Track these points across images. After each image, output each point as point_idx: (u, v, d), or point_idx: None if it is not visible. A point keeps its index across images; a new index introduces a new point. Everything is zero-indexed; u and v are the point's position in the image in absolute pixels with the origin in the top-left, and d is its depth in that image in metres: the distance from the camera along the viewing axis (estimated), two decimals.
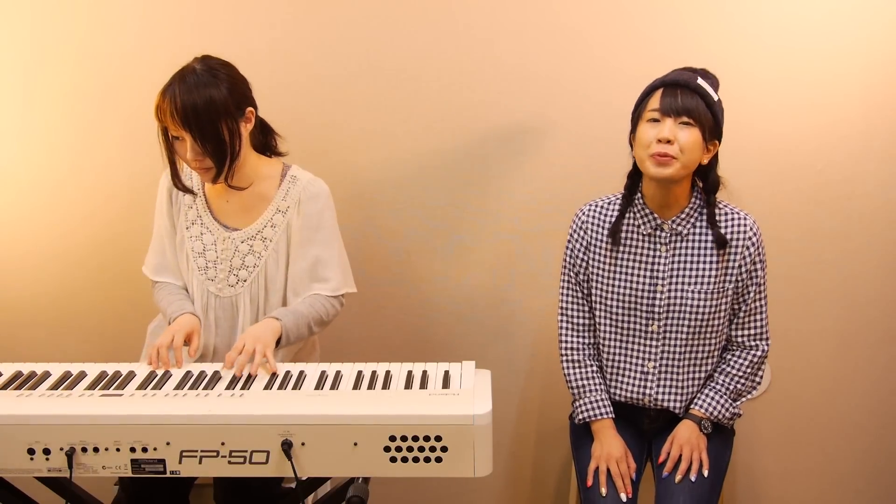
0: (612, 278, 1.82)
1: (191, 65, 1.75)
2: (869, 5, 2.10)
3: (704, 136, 1.69)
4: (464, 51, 2.17)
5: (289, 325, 1.77)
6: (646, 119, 1.72)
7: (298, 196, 1.86)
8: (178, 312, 1.82)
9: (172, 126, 1.72)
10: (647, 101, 1.73)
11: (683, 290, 1.77)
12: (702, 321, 1.78)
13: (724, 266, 1.77)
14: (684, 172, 1.71)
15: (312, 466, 1.46)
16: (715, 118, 1.71)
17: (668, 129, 1.67)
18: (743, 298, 1.80)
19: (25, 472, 1.47)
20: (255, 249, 1.87)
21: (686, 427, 1.82)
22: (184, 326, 1.77)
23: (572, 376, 1.89)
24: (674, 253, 1.79)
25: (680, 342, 1.80)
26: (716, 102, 1.71)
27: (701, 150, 1.71)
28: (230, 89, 1.74)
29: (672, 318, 1.79)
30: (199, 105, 1.69)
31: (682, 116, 1.68)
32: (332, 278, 1.88)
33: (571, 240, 1.89)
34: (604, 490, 1.77)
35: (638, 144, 1.74)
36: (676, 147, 1.67)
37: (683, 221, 1.78)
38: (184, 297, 1.91)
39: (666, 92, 1.70)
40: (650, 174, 1.71)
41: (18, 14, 2.17)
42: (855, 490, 2.42)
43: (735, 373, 1.83)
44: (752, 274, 1.79)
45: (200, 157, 1.74)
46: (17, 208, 2.30)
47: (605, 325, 1.85)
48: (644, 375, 1.84)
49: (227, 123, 1.73)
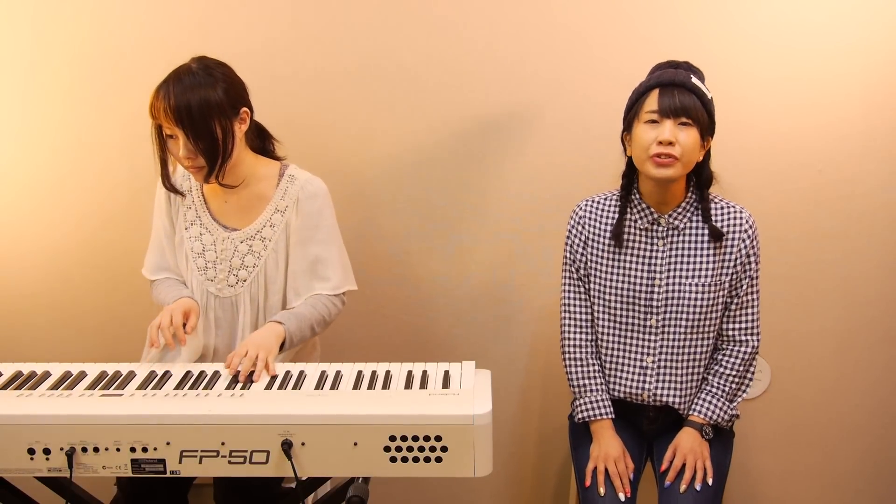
0: (611, 273, 1.83)
1: (187, 64, 1.76)
2: (869, 5, 2.10)
3: (702, 134, 1.72)
4: (464, 51, 2.17)
5: (292, 328, 1.78)
6: (643, 120, 1.72)
7: (296, 195, 1.86)
8: (176, 297, 1.82)
9: (166, 124, 1.72)
10: (642, 102, 1.74)
11: (681, 284, 1.79)
12: (700, 314, 1.79)
13: (721, 259, 1.79)
14: (685, 172, 1.74)
15: (312, 466, 1.46)
16: (710, 116, 1.74)
17: (669, 130, 1.68)
18: (736, 291, 1.81)
19: (25, 472, 1.47)
20: (254, 249, 1.87)
21: (688, 435, 1.81)
22: (180, 305, 1.77)
23: (574, 375, 1.89)
24: (671, 247, 1.80)
25: (678, 336, 1.81)
26: (709, 100, 1.74)
27: (699, 148, 1.73)
28: (226, 89, 1.74)
29: (670, 311, 1.80)
30: (194, 104, 1.69)
31: (681, 117, 1.69)
32: (332, 277, 1.88)
33: (570, 235, 1.90)
34: (602, 490, 1.77)
35: (636, 146, 1.74)
36: (678, 148, 1.69)
37: (680, 216, 1.80)
38: (182, 287, 1.91)
39: (663, 92, 1.71)
40: (652, 175, 1.72)
41: (18, 14, 2.17)
42: (855, 490, 2.42)
43: (727, 372, 1.83)
44: (746, 266, 1.80)
45: (193, 155, 1.74)
46: (17, 208, 2.30)
47: (603, 321, 1.86)
48: (643, 370, 1.84)
49: (220, 123, 1.73)
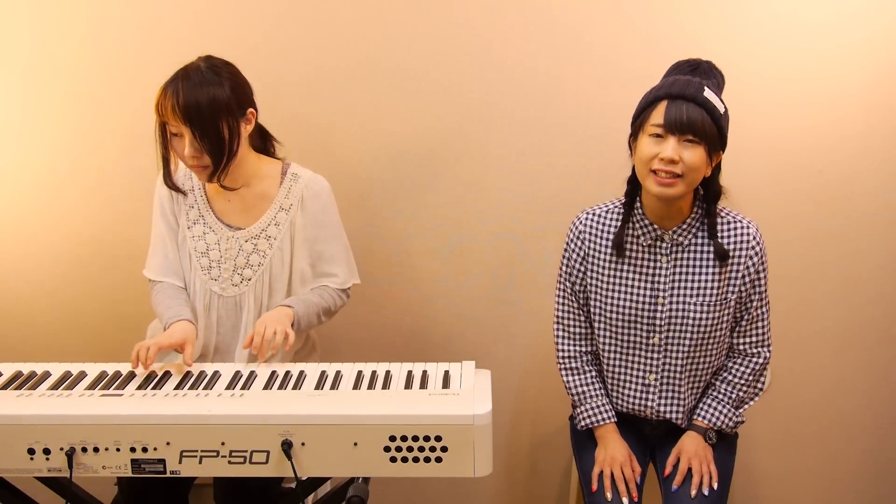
0: (613, 290, 1.78)
1: (195, 63, 1.76)
2: (869, 5, 2.10)
3: (709, 152, 1.62)
4: (464, 51, 2.17)
5: (300, 312, 1.80)
6: (648, 133, 1.63)
7: (301, 194, 1.87)
8: (175, 318, 1.78)
9: (173, 122, 1.72)
10: (650, 113, 1.64)
11: (685, 302, 1.73)
12: (704, 333, 1.74)
13: (727, 277, 1.73)
14: (688, 190, 1.65)
15: (312, 466, 1.46)
16: (720, 131, 1.63)
17: (672, 148, 1.59)
18: (745, 307, 1.77)
19: (25, 472, 1.47)
20: (259, 248, 1.87)
21: (692, 439, 1.79)
22: (174, 335, 1.72)
23: (572, 383, 1.87)
24: (675, 264, 1.74)
25: (682, 354, 1.76)
26: (722, 115, 1.63)
27: (705, 165, 1.63)
28: (233, 89, 1.74)
29: (674, 330, 1.75)
30: (203, 102, 1.69)
31: (686, 134, 1.59)
32: (339, 273, 1.92)
33: (568, 249, 1.84)
34: (609, 494, 1.75)
35: (638, 158, 1.66)
36: (681, 166, 1.60)
37: (685, 232, 1.73)
38: (182, 300, 1.87)
39: (671, 105, 1.60)
40: (653, 193, 1.65)
41: (18, 14, 2.17)
42: (855, 490, 2.42)
43: (736, 381, 1.80)
44: (754, 283, 1.74)
45: (198, 154, 1.74)
46: (17, 208, 2.30)
47: (605, 338, 1.82)
48: (646, 388, 1.81)
49: (227, 122, 1.73)
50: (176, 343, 1.71)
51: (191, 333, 1.76)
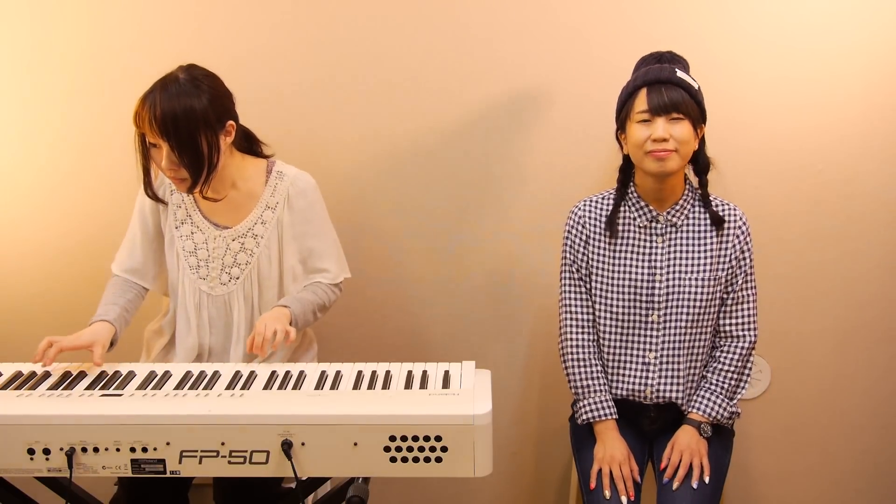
0: (612, 271, 1.84)
1: (174, 73, 1.73)
2: (869, 5, 2.10)
3: (694, 125, 1.75)
4: (464, 51, 2.17)
5: (297, 311, 1.80)
6: (636, 120, 1.76)
7: (287, 192, 1.87)
8: (95, 319, 1.77)
9: (150, 133, 1.70)
10: (632, 103, 1.77)
11: (681, 278, 1.81)
12: (700, 308, 1.81)
13: (718, 252, 1.82)
14: (683, 163, 1.78)
15: (312, 466, 1.46)
16: (699, 106, 1.77)
17: (662, 128, 1.72)
18: (731, 286, 1.84)
19: (25, 472, 1.47)
20: (246, 247, 1.87)
21: (686, 433, 1.82)
22: (82, 336, 1.71)
23: (575, 375, 1.88)
24: (670, 243, 1.83)
25: (679, 331, 1.82)
26: (697, 91, 1.77)
27: (693, 138, 1.77)
28: (211, 100, 1.72)
29: (671, 306, 1.81)
30: (179, 114, 1.67)
31: (671, 113, 1.73)
32: (330, 268, 1.92)
33: (570, 236, 1.90)
34: (607, 493, 1.76)
35: (632, 145, 1.78)
36: (673, 142, 1.73)
37: (678, 213, 1.83)
38: (120, 299, 1.85)
39: (651, 91, 1.74)
40: (651, 171, 1.76)
41: (18, 14, 2.17)
42: (855, 490, 2.42)
43: (725, 368, 1.84)
44: (740, 262, 1.83)
45: (176, 166, 1.72)
46: (17, 208, 2.30)
47: (605, 319, 1.86)
48: (645, 367, 1.84)
49: (206, 135, 1.71)
50: (84, 345, 1.69)
51: (101, 335, 1.73)
